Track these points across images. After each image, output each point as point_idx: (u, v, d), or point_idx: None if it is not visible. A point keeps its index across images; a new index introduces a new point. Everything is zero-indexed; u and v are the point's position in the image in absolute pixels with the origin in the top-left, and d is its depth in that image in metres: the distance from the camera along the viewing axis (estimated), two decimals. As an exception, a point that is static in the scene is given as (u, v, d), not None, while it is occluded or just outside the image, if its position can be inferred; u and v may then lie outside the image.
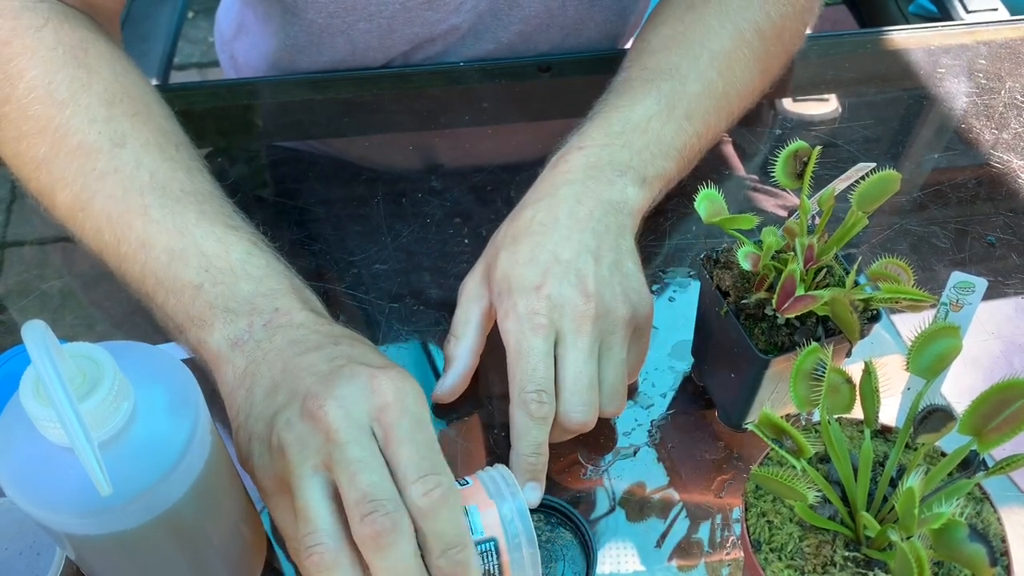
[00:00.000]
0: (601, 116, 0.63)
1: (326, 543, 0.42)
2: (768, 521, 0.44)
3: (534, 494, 0.53)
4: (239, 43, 0.95)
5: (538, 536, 0.53)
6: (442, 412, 0.60)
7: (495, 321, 0.57)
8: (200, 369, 0.51)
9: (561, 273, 0.54)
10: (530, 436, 0.52)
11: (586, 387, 0.53)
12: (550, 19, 0.83)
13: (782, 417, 0.42)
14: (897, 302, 0.47)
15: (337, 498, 0.43)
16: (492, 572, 0.46)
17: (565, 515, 0.54)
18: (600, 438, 0.58)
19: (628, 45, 0.90)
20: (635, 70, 0.66)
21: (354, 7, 0.78)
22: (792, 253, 0.50)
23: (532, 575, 0.47)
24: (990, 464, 0.41)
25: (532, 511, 0.54)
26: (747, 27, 0.67)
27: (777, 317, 0.51)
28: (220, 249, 0.53)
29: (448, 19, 0.80)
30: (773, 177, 0.51)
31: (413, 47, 0.83)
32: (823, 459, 0.46)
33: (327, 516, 0.43)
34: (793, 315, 0.48)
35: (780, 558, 0.43)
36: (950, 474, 0.41)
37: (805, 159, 0.50)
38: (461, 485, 0.48)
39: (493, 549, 0.46)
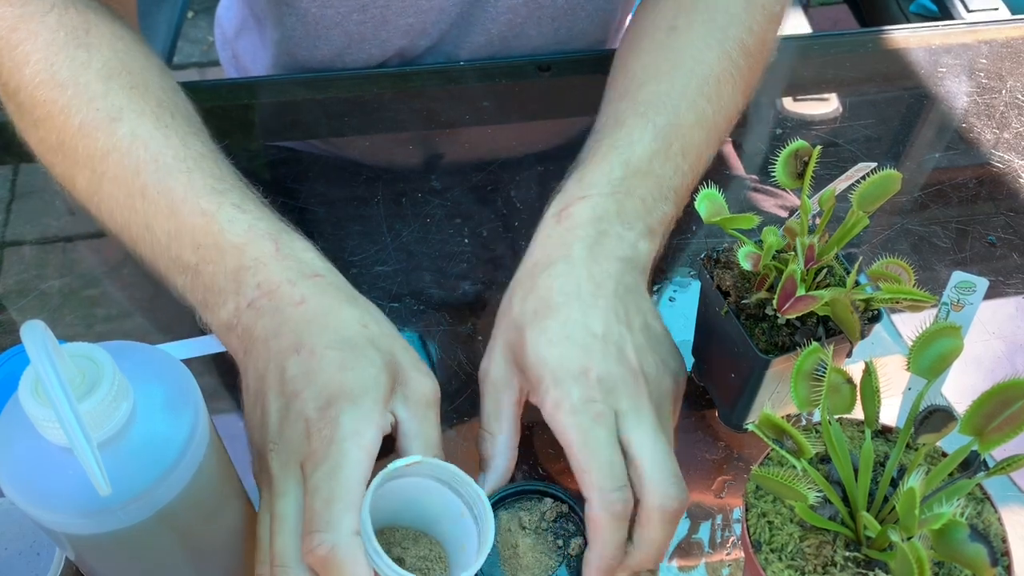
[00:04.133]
0: (599, 157, 0.59)
1: None
2: (769, 521, 0.44)
3: None
4: (242, 42, 0.95)
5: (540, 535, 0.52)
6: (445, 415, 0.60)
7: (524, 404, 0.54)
8: (200, 369, 0.51)
9: (602, 350, 0.51)
10: (616, 537, 0.48)
11: (670, 462, 0.49)
12: (539, 9, 0.82)
13: (782, 417, 0.42)
14: (898, 302, 0.47)
15: None
16: None
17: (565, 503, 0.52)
18: (600, 438, 0.58)
19: (620, 38, 0.89)
20: (626, 103, 0.63)
21: None
22: (793, 253, 0.49)
23: None
24: (991, 464, 0.41)
25: (537, 500, 0.53)
26: (733, 46, 0.65)
27: (778, 317, 0.51)
28: (204, 223, 0.53)
29: (439, 5, 0.80)
30: (773, 177, 0.51)
31: (408, 40, 0.82)
32: (824, 459, 0.46)
33: (265, 552, 0.46)
34: (794, 315, 0.48)
35: (780, 558, 0.43)
36: (951, 474, 0.41)
37: (805, 159, 0.50)
38: None
39: None
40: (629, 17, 0.93)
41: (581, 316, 0.52)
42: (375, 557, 0.43)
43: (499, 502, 0.52)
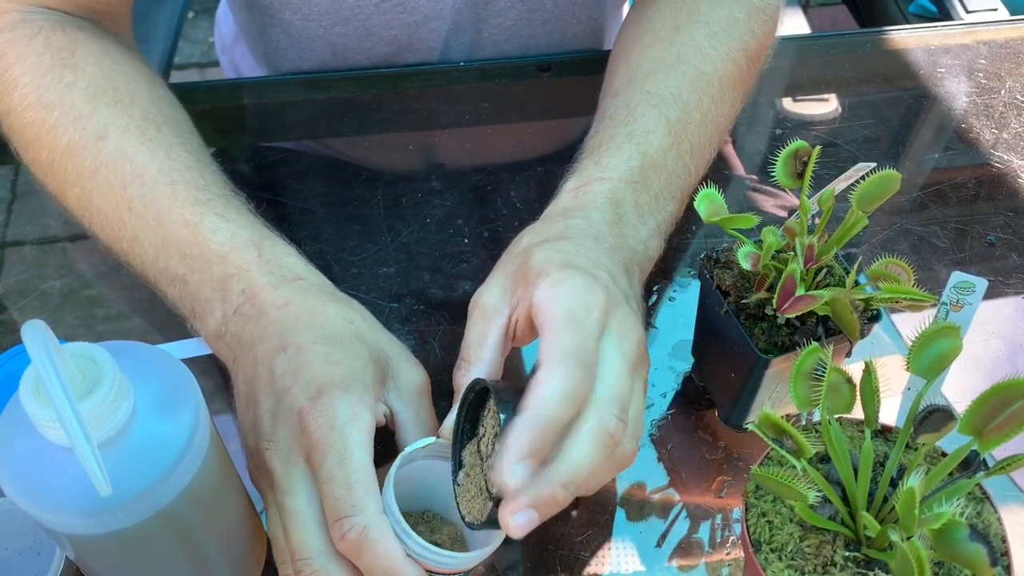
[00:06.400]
0: (616, 145, 0.58)
1: None
2: (768, 521, 0.44)
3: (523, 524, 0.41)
4: (238, 49, 0.95)
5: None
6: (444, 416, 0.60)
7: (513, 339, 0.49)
8: (200, 369, 0.52)
9: (610, 278, 0.48)
10: (558, 406, 0.41)
11: (624, 395, 0.44)
12: (529, 15, 0.82)
13: (782, 417, 0.42)
14: (897, 302, 0.47)
15: None
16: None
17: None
18: (600, 438, 0.58)
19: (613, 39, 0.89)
20: (634, 91, 0.61)
21: (327, 10, 0.78)
22: (792, 253, 0.50)
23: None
24: (990, 464, 0.41)
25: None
26: (737, 47, 0.64)
27: (777, 317, 0.51)
28: (188, 233, 0.53)
29: (426, 22, 0.80)
30: (773, 177, 0.51)
31: (394, 50, 0.83)
32: (823, 459, 0.46)
33: (284, 551, 0.46)
34: (793, 315, 0.48)
35: (780, 558, 0.43)
36: (950, 474, 0.41)
37: (805, 159, 0.50)
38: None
39: None
40: (618, 23, 0.93)
41: (595, 249, 0.50)
42: (404, 537, 0.43)
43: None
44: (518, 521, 0.41)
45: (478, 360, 0.48)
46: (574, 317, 0.44)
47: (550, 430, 0.41)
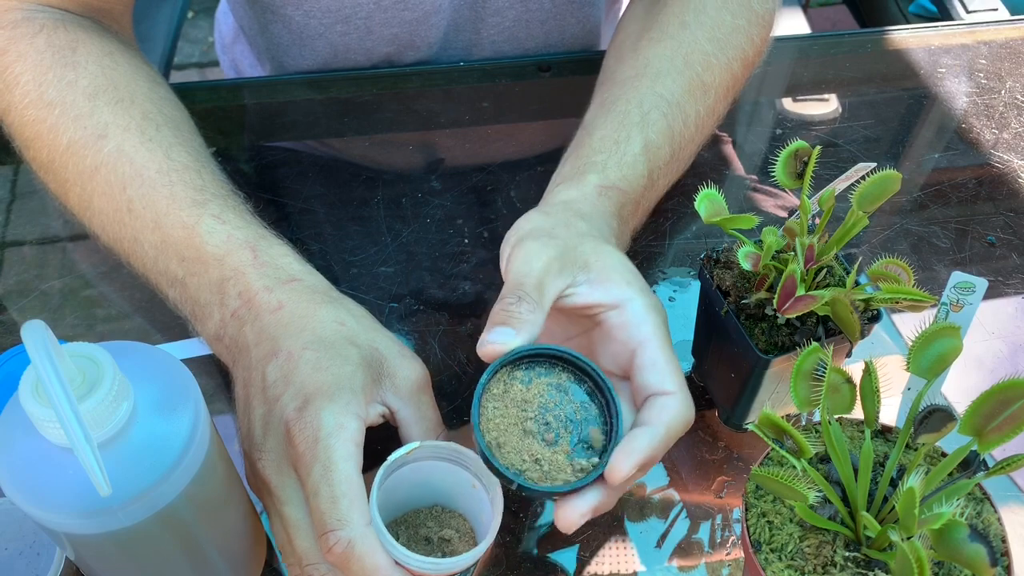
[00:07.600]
0: (633, 152, 0.58)
1: None
2: (768, 521, 0.44)
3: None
4: (239, 47, 0.95)
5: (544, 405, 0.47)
6: (445, 417, 0.60)
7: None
8: (200, 369, 0.52)
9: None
10: (668, 439, 0.46)
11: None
12: (527, 15, 0.83)
13: (782, 417, 0.42)
14: (897, 302, 0.47)
15: None
16: None
17: (577, 367, 0.47)
18: (600, 438, 0.58)
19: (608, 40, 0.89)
20: (648, 94, 0.61)
21: (328, 8, 0.78)
22: (792, 253, 0.50)
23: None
24: (990, 464, 0.41)
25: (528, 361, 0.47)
26: (736, 55, 0.65)
27: (777, 317, 0.51)
28: (186, 235, 0.53)
29: (427, 19, 0.80)
30: (773, 177, 0.51)
31: (395, 49, 0.83)
32: (823, 459, 0.46)
33: (290, 555, 0.47)
34: (793, 315, 0.48)
35: (780, 558, 0.43)
36: (950, 474, 0.41)
37: (805, 159, 0.50)
38: None
39: None
40: (613, 24, 0.93)
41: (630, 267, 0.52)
42: (389, 548, 0.43)
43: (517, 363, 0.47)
44: (582, 521, 0.45)
45: (541, 304, 0.47)
46: (668, 338, 0.49)
47: (666, 450, 0.46)
